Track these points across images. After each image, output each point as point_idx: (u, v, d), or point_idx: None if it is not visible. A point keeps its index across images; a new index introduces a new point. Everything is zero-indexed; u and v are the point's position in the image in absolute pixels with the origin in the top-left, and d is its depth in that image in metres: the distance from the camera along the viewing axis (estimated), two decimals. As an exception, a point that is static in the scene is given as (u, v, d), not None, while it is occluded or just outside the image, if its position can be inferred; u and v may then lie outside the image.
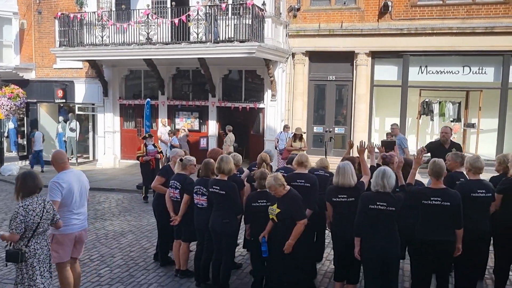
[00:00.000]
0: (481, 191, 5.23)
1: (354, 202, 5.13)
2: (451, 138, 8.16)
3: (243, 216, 6.02)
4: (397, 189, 5.06)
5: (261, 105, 14.87)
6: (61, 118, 18.53)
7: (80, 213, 5.40)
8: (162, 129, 15.06)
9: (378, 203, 4.75)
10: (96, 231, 9.06)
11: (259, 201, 5.56)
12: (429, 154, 7.56)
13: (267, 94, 14.69)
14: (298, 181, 5.88)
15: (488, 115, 13.64)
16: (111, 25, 14.28)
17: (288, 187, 5.31)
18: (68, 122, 18.07)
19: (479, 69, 13.41)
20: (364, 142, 5.81)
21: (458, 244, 4.96)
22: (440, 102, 14.21)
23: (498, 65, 13.22)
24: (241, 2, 12.81)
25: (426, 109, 14.32)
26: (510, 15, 12.75)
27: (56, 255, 5.21)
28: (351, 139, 14.31)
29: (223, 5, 12.95)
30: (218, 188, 5.69)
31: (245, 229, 5.92)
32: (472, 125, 13.97)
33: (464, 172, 5.69)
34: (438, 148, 7.16)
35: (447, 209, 4.81)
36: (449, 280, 5.37)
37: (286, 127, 13.41)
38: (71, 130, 17.87)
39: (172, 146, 13.66)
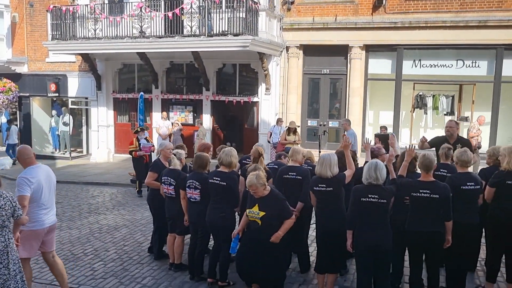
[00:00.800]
0: (470, 183, 5.30)
1: (332, 192, 5.24)
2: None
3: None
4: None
5: (255, 99, 14.85)
6: (54, 112, 18.46)
7: (49, 208, 5.32)
8: (161, 122, 15.02)
9: (369, 195, 4.80)
10: (90, 225, 9.05)
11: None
12: (433, 148, 7.38)
13: (261, 88, 14.67)
14: (290, 173, 5.96)
15: (481, 109, 13.68)
16: (104, 18, 14.17)
17: (269, 188, 5.13)
18: (61, 116, 18.01)
19: (472, 62, 13.45)
20: (348, 138, 5.81)
21: (448, 235, 5.03)
22: (433, 96, 14.27)
23: (491, 59, 13.27)
24: (235, -5, 12.75)
25: (419, 103, 14.38)
26: (503, 9, 12.78)
27: (23, 252, 5.10)
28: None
29: (217, -2, 12.89)
30: (219, 179, 5.70)
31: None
32: (466, 119, 14.04)
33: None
34: (442, 143, 6.66)
35: (436, 202, 4.88)
36: (440, 271, 5.41)
37: (279, 121, 13.41)
38: (65, 124, 17.81)
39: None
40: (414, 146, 5.48)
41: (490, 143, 13.08)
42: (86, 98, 17.35)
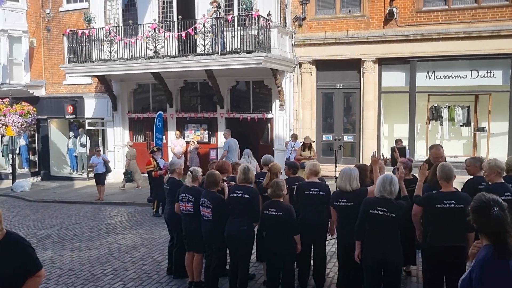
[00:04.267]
0: (507, 193, 5.14)
1: (352, 206, 5.20)
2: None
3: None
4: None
5: (269, 115, 14.90)
6: (71, 134, 18.76)
7: None
8: (175, 141, 15.11)
9: (378, 208, 4.78)
10: (108, 245, 9.09)
11: (270, 209, 5.57)
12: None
13: (275, 104, 14.72)
14: (312, 190, 5.93)
15: (498, 119, 13.54)
16: (119, 40, 14.44)
17: (4, 230, 3.22)
18: (78, 138, 18.26)
19: (487, 72, 13.35)
20: (375, 152, 5.78)
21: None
22: (449, 107, 14.14)
23: (506, 68, 13.16)
24: (246, 13, 12.88)
25: (435, 114, 14.26)
26: (517, 18, 12.72)
27: None
28: (361, 147, 14.30)
29: (229, 17, 13.06)
30: (241, 192, 5.72)
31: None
32: (482, 129, 13.88)
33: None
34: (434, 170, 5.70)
35: (461, 212, 4.76)
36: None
37: (293, 136, 13.39)
38: (82, 145, 18.04)
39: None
40: (427, 164, 5.38)
41: (508, 153, 12.88)
42: (102, 119, 17.60)
